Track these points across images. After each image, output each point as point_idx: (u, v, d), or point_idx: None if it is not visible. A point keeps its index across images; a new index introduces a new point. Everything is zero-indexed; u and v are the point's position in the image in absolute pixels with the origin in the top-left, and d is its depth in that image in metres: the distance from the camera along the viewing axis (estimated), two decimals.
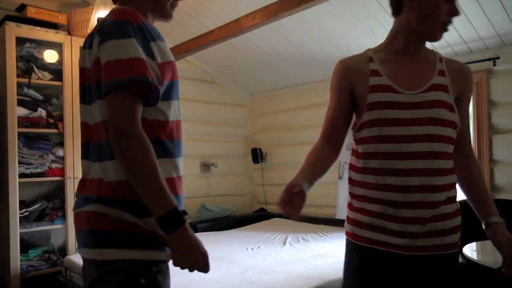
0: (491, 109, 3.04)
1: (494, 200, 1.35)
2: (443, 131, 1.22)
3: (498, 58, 2.95)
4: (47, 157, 3.14)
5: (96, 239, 1.08)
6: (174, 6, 1.25)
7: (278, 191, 1.17)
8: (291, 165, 4.28)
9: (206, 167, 4.45)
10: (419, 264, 1.21)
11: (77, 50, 3.22)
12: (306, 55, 3.69)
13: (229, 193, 4.63)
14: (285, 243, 3.25)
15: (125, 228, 1.07)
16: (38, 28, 3.14)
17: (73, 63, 3.20)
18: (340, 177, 3.84)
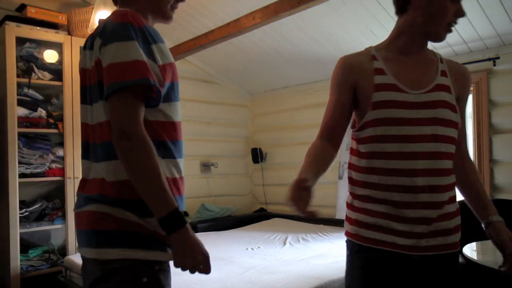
0: (491, 109, 3.04)
1: (494, 200, 1.36)
2: (447, 131, 1.22)
3: (498, 58, 2.95)
4: (47, 157, 3.14)
5: (99, 238, 1.08)
6: (174, 8, 1.26)
7: (278, 191, 1.16)
8: (291, 165, 4.28)
9: (206, 167, 4.45)
10: (423, 264, 1.21)
11: (77, 50, 3.22)
12: (306, 55, 3.69)
13: (229, 193, 4.63)
14: (285, 243, 3.25)
15: (127, 228, 1.07)
16: (38, 28, 3.13)
17: (73, 63, 3.20)
18: (340, 177, 3.84)
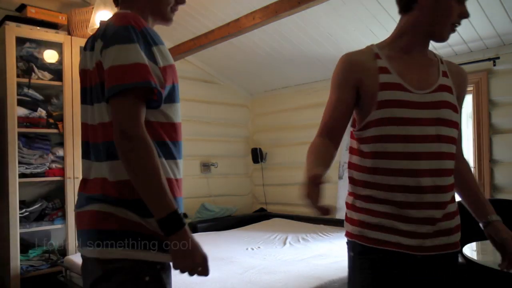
0: (491, 109, 3.04)
1: (495, 200, 1.36)
2: (449, 131, 1.22)
3: (498, 58, 2.96)
4: (47, 157, 3.14)
5: (101, 238, 1.08)
6: (174, 10, 1.26)
7: (278, 191, 1.15)
8: (291, 165, 4.29)
9: (206, 167, 4.45)
10: (426, 264, 1.21)
11: (77, 50, 3.22)
12: (306, 55, 3.69)
13: (229, 193, 4.63)
14: (285, 243, 3.25)
15: (129, 228, 1.08)
16: (38, 28, 3.13)
17: (73, 63, 3.20)
18: (340, 177, 3.84)
